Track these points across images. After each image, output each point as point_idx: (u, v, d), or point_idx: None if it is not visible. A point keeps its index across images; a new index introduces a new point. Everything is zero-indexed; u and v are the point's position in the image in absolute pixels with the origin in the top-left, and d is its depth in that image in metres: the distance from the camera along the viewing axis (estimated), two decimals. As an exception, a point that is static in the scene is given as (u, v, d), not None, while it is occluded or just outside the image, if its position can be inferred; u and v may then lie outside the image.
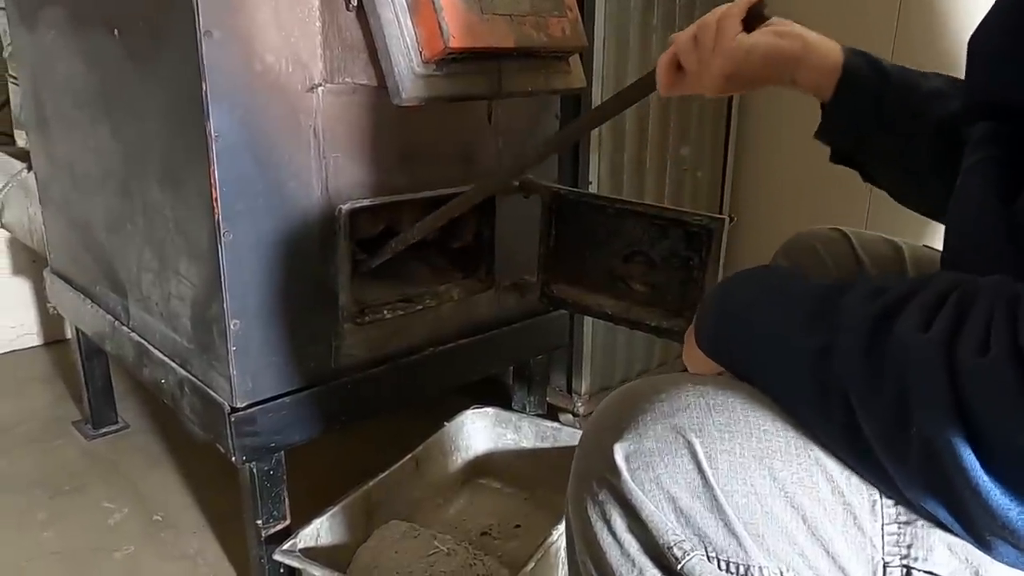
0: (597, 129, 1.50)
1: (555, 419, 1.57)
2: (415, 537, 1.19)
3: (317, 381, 1.17)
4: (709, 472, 0.52)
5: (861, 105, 0.77)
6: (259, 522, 1.16)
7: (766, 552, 0.52)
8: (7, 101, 1.81)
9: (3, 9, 1.60)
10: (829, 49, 0.77)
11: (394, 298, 1.26)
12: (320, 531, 1.13)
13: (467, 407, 1.44)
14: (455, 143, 1.26)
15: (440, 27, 0.99)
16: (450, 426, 1.40)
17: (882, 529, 0.52)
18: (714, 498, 0.52)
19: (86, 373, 1.68)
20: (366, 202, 1.16)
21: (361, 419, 1.24)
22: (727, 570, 0.53)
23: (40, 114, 1.50)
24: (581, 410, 1.66)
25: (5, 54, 1.71)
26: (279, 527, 1.18)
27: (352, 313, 1.18)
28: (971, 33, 0.59)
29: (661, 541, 0.53)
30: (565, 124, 1.45)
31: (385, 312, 1.23)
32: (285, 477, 1.17)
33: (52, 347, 2.18)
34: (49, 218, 1.59)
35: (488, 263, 1.36)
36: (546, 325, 1.50)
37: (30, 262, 2.09)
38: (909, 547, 0.52)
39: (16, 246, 2.06)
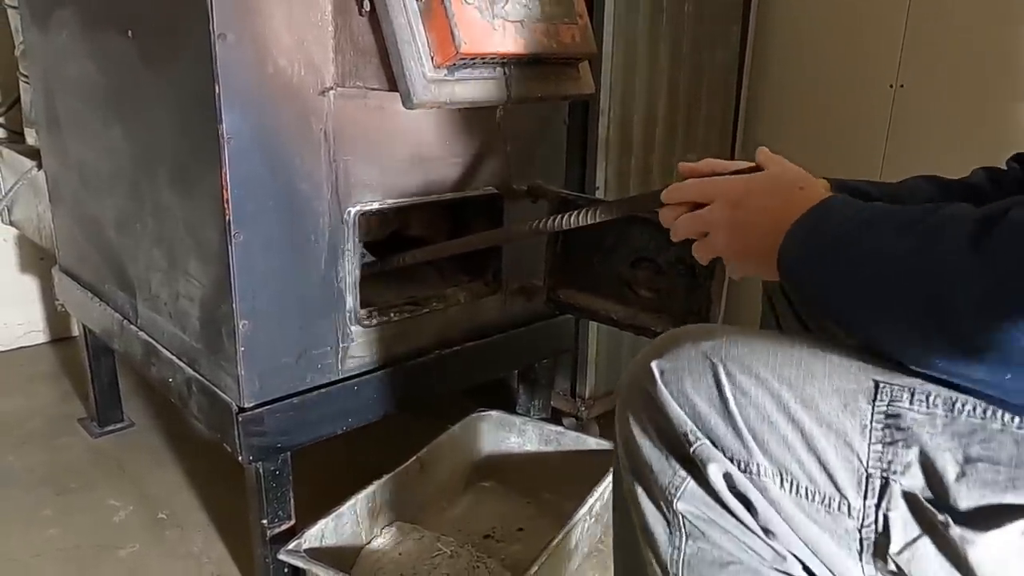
0: (604, 134, 1.51)
1: (559, 423, 1.58)
2: (419, 539, 1.20)
3: (324, 383, 1.18)
4: (727, 388, 0.64)
5: None
6: (264, 522, 1.16)
7: (768, 455, 0.63)
8: (18, 99, 1.82)
9: (16, 8, 1.61)
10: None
11: (401, 301, 1.27)
12: (325, 532, 1.14)
13: (472, 410, 1.45)
14: (464, 148, 1.27)
15: (452, 33, 0.99)
16: (455, 429, 1.40)
17: (868, 448, 0.62)
18: (727, 409, 0.64)
19: (93, 371, 1.68)
20: (375, 205, 1.17)
21: (367, 421, 1.24)
22: (731, 461, 0.64)
23: (51, 113, 1.51)
24: (585, 414, 1.66)
25: (17, 52, 1.72)
26: (284, 527, 1.18)
27: (360, 316, 1.19)
28: None
29: (680, 431, 0.66)
30: (573, 130, 1.45)
31: (392, 315, 1.23)
32: (291, 477, 1.18)
33: (59, 344, 2.19)
34: (58, 216, 1.60)
35: (495, 267, 1.37)
36: (552, 329, 1.50)
37: (38, 259, 2.10)
38: (890, 463, 0.61)
39: (25, 243, 2.07)
